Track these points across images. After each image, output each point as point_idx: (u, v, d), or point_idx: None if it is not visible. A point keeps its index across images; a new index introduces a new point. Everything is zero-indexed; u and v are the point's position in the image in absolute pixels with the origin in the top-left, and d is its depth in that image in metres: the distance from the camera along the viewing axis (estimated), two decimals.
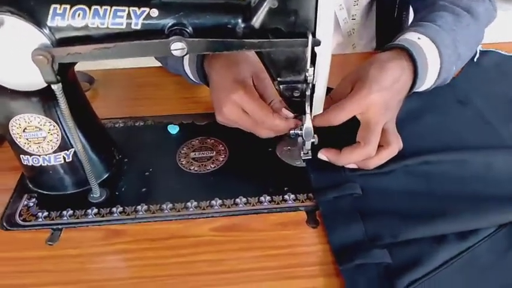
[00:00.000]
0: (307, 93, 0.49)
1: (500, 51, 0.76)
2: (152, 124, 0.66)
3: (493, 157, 0.57)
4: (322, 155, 0.56)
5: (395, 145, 0.55)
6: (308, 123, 0.52)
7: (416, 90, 0.61)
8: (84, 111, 0.56)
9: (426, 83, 0.61)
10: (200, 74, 0.64)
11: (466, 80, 0.69)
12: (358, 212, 0.52)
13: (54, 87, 0.45)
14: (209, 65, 0.61)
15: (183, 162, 0.59)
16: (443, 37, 0.60)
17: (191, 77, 0.67)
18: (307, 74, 0.47)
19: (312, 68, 0.47)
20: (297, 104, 0.51)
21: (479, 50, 0.73)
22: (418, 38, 0.59)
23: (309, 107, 0.51)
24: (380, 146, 0.54)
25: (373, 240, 0.49)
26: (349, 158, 0.55)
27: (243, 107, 0.55)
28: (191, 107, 0.69)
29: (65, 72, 0.48)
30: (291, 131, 0.57)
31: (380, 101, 0.53)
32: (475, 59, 0.72)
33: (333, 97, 0.57)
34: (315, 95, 0.50)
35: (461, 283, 0.45)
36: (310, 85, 0.49)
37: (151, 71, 0.77)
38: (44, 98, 0.49)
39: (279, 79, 0.49)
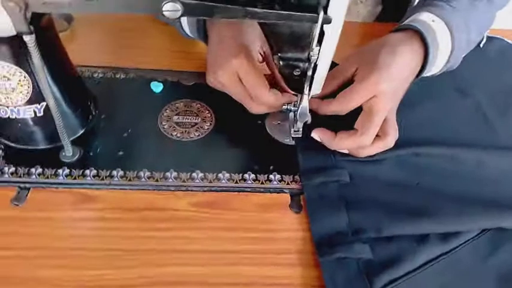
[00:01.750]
0: (308, 72, 0.46)
1: (505, 39, 0.73)
2: (134, 78, 0.61)
3: (486, 155, 0.56)
4: (316, 135, 0.53)
5: (392, 137, 0.52)
6: (305, 104, 0.49)
7: (424, 75, 0.58)
8: (59, 61, 0.50)
9: (434, 69, 0.58)
10: (200, 28, 0.58)
11: (468, 67, 0.66)
12: (343, 201, 0.50)
13: (26, 38, 0.39)
14: (213, 21, 0.56)
15: (165, 126, 0.55)
16: (457, 21, 0.56)
17: (186, 29, 0.61)
18: (311, 53, 0.43)
19: (318, 48, 0.43)
20: (296, 83, 0.47)
21: (486, 36, 0.70)
22: (433, 21, 0.55)
23: (307, 87, 0.47)
24: (376, 136, 0.51)
25: (356, 233, 0.47)
26: (343, 144, 0.52)
27: (240, 74, 0.51)
28: (179, 63, 0.64)
29: (39, 18, 0.43)
30: (284, 106, 0.54)
31: (388, 91, 0.50)
32: (481, 45, 0.69)
33: (335, 75, 0.53)
34: (315, 74, 0.46)
35: (440, 287, 0.44)
36: (313, 65, 0.45)
37: (140, 16, 0.70)
38: (15, 46, 0.43)
39: (279, 54, 0.45)
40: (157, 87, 0.59)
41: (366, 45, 0.55)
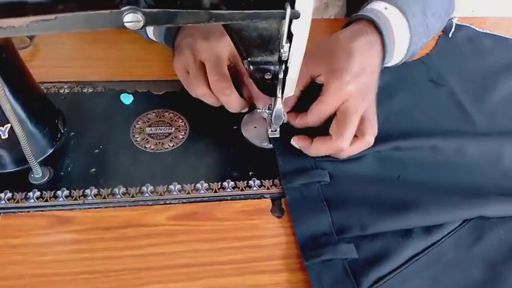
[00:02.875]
0: (280, 75, 0.45)
1: (472, 27, 0.73)
2: (103, 91, 0.59)
3: (464, 143, 0.56)
4: (295, 143, 0.52)
5: (370, 136, 0.51)
6: (279, 106, 0.48)
7: (386, 65, 0.58)
8: (21, 80, 0.48)
9: (396, 57, 0.57)
10: (169, 36, 0.58)
11: (439, 57, 0.67)
12: (325, 201, 0.49)
13: None
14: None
15: (138, 139, 0.54)
16: (411, 6, 0.56)
17: (149, 32, 0.61)
18: (282, 51, 0.42)
19: (288, 45, 0.42)
20: (268, 86, 0.46)
21: (455, 24, 0.70)
22: (385, 8, 0.55)
23: (280, 90, 0.46)
24: (354, 136, 0.51)
25: (340, 233, 0.47)
26: (319, 150, 0.51)
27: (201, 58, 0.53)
28: (147, 72, 0.62)
29: None
30: (259, 109, 0.53)
31: (356, 91, 0.49)
32: (450, 34, 0.69)
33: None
34: (287, 76, 0.45)
35: (427, 280, 0.44)
36: (284, 66, 0.44)
37: None
38: None
39: (249, 59, 0.44)
40: (127, 99, 0.58)
41: (320, 43, 0.54)
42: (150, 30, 0.62)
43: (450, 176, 0.53)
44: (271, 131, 0.54)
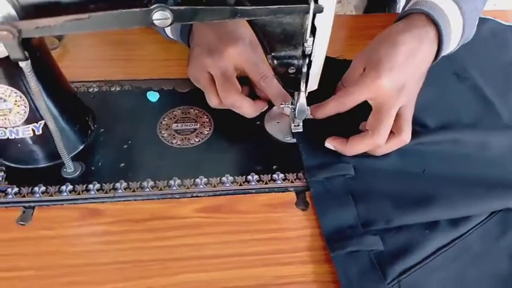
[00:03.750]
0: (303, 69, 0.45)
1: (496, 19, 0.72)
2: (130, 89, 0.61)
3: (489, 136, 0.55)
4: (329, 144, 0.52)
5: (407, 133, 0.50)
6: (302, 101, 0.49)
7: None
8: (54, 79, 0.50)
9: (451, 46, 0.55)
10: (184, 32, 0.59)
11: (463, 50, 0.65)
12: (350, 194, 0.50)
13: (22, 64, 0.39)
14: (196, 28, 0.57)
15: (165, 135, 0.55)
16: None
17: (168, 31, 0.62)
18: (305, 45, 0.43)
19: (312, 38, 0.42)
20: (292, 81, 0.47)
21: (479, 17, 0.69)
22: None
23: (304, 84, 0.47)
24: (391, 133, 0.50)
25: (366, 225, 0.47)
26: (356, 149, 0.51)
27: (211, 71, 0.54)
28: (172, 70, 0.63)
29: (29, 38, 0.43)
30: (281, 104, 0.54)
31: (391, 84, 0.48)
32: None
33: (345, 83, 0.53)
34: (311, 70, 0.46)
35: (454, 272, 0.44)
36: (307, 60, 0.45)
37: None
38: (8, 67, 0.43)
39: (273, 54, 0.45)
40: (153, 96, 0.59)
41: (369, 43, 0.54)
42: (168, 30, 0.63)
43: (474, 169, 0.52)
44: (294, 125, 0.55)
